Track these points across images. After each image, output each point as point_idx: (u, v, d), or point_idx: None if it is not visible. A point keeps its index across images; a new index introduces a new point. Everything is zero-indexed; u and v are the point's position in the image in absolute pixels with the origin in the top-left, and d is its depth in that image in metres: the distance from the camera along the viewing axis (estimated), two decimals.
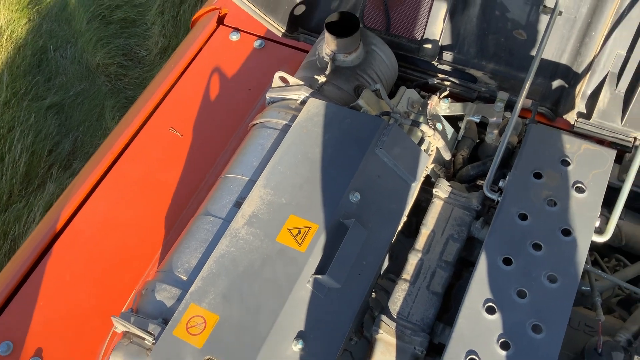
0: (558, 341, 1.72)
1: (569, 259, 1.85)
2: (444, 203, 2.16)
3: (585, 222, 1.92)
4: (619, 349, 1.92)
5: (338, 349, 1.78)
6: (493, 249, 1.89)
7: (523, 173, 2.03)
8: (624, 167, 2.36)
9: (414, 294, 1.99)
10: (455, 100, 2.50)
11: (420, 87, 2.61)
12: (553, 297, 1.79)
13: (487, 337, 1.74)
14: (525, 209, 1.95)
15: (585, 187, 1.98)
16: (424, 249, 2.08)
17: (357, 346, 2.09)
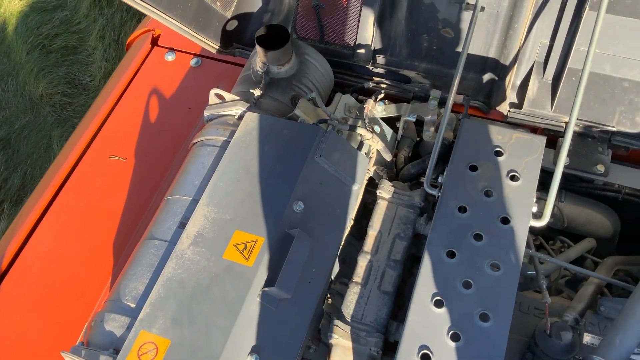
0: (505, 327, 1.77)
1: (509, 246, 1.90)
2: (388, 203, 2.20)
3: (522, 209, 1.98)
4: (567, 328, 1.98)
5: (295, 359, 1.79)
6: (436, 243, 1.93)
7: (459, 167, 2.09)
8: (558, 151, 2.46)
9: (366, 295, 2.02)
10: (392, 101, 2.55)
11: (357, 92, 2.65)
12: (497, 284, 1.84)
13: (437, 330, 1.78)
14: (464, 202, 2.01)
15: (519, 175, 2.04)
16: (373, 250, 2.11)
17: (316, 353, 2.10)
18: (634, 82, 2.41)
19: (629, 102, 2.44)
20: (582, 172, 2.48)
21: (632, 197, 2.57)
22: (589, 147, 2.49)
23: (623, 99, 2.44)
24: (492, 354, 1.73)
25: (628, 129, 2.44)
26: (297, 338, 1.83)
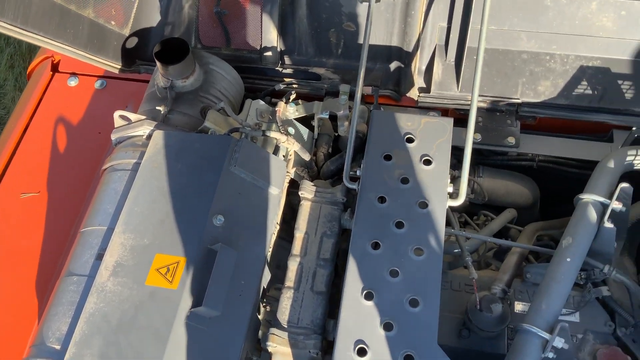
0: (435, 309, 1.80)
1: (430, 230, 1.94)
2: (312, 203, 2.20)
3: (438, 191, 2.02)
4: (497, 300, 2.05)
5: None
6: (360, 237, 1.95)
7: (374, 158, 2.11)
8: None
9: (300, 298, 2.01)
10: (305, 100, 2.55)
11: (269, 95, 2.63)
12: (423, 268, 1.88)
13: (370, 322, 1.79)
14: (383, 192, 2.03)
15: (432, 159, 2.09)
16: (301, 252, 2.10)
17: None
18: (532, 53, 2.51)
19: (529, 73, 2.53)
20: (494, 146, 2.56)
21: (546, 163, 2.67)
22: (498, 121, 2.58)
23: (524, 70, 2.53)
24: (425, 337, 1.76)
25: (532, 98, 2.54)
26: (234, 353, 1.80)
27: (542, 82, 2.51)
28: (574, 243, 2.01)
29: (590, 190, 2.13)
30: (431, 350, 1.73)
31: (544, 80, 2.51)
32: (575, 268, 1.98)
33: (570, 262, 1.97)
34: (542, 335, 1.84)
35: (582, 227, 2.04)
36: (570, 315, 2.15)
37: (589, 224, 2.04)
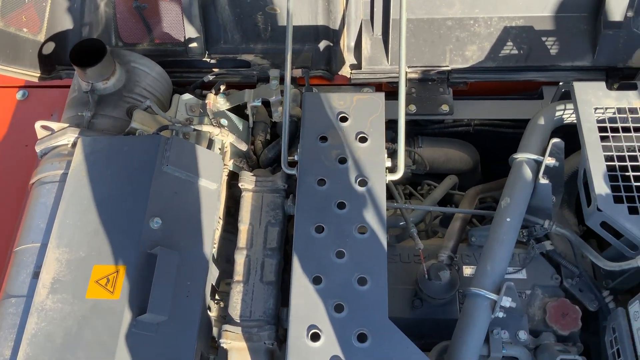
0: (383, 285, 1.81)
1: (371, 207, 1.94)
2: (253, 193, 2.17)
3: (376, 167, 2.02)
4: (444, 267, 2.07)
5: None
6: (303, 222, 1.93)
7: (310, 141, 2.09)
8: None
9: (250, 291, 1.99)
10: (239, 89, 2.50)
11: (199, 88, 2.57)
12: (368, 246, 1.88)
13: (321, 306, 1.78)
14: (322, 174, 2.01)
15: (367, 136, 2.08)
16: (247, 244, 2.07)
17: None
18: (456, 19, 2.52)
19: (456, 39, 2.55)
20: (429, 116, 2.58)
21: (482, 126, 2.72)
22: (431, 91, 2.59)
23: (450, 37, 2.54)
24: (376, 313, 1.76)
25: (461, 64, 2.56)
26: (187, 356, 1.77)
27: (469, 47, 2.53)
28: (512, 203, 2.05)
29: (523, 149, 2.17)
30: (383, 326, 1.74)
31: (470, 45, 2.53)
32: (515, 227, 2.02)
33: (510, 221, 2.01)
34: (489, 297, 1.88)
35: (519, 186, 2.08)
36: (517, 273, 2.20)
37: (525, 182, 2.08)
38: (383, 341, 1.72)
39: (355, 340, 1.72)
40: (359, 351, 1.71)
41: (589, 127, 2.06)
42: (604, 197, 1.93)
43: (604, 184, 1.95)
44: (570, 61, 2.52)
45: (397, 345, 1.72)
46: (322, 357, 1.70)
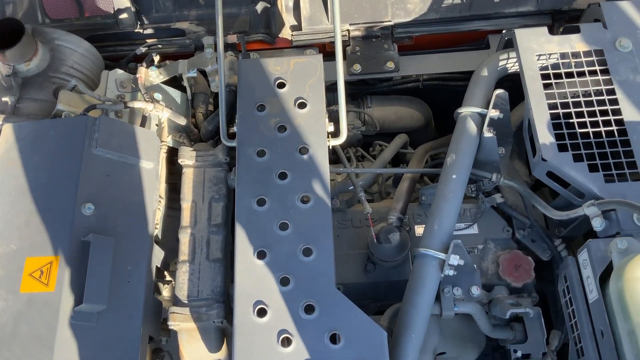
0: (329, 254, 1.77)
1: (314, 175, 1.88)
2: (194, 169, 2.09)
3: (317, 133, 1.95)
4: (393, 230, 2.04)
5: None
6: (245, 196, 1.87)
7: (248, 110, 2.01)
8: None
9: (197, 270, 1.93)
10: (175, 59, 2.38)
11: (132, 61, 2.45)
12: (312, 215, 1.83)
13: (267, 281, 1.74)
14: (261, 145, 1.94)
15: (306, 101, 2.00)
16: (191, 222, 2.01)
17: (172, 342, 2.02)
18: None
19: None
20: (375, 74, 2.50)
21: (431, 81, 2.65)
22: (376, 48, 2.51)
23: None
24: (322, 283, 1.73)
25: (404, 18, 2.48)
26: (132, 342, 1.72)
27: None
28: (457, 159, 2.01)
29: (467, 103, 2.12)
30: (330, 295, 1.71)
31: None
32: (462, 183, 1.98)
33: (456, 178, 1.98)
34: (437, 256, 1.86)
35: (464, 141, 2.03)
36: (469, 228, 2.18)
37: (470, 137, 2.04)
38: (331, 310, 1.69)
39: (303, 312, 1.69)
40: (307, 323, 1.68)
41: (532, 76, 2.01)
42: (548, 147, 1.90)
43: (548, 133, 1.92)
44: (515, 7, 2.45)
45: (345, 313, 1.69)
46: (269, 332, 1.67)
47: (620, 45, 2.03)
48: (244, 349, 1.65)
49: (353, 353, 1.64)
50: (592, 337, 1.75)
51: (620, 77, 1.99)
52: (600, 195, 1.82)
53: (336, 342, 1.65)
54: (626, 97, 1.96)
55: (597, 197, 1.83)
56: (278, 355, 1.64)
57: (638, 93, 1.96)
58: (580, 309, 1.81)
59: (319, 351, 1.64)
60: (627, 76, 1.99)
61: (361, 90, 2.68)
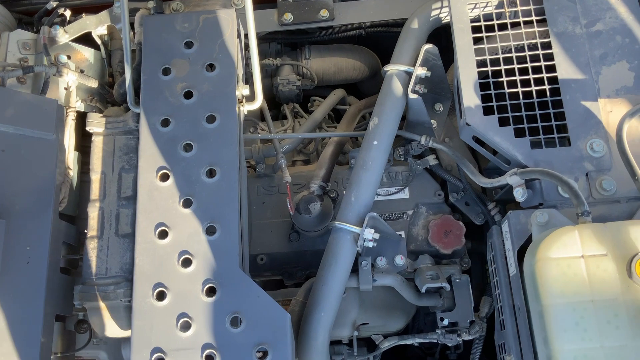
0: (234, 232, 1.67)
1: (222, 145, 1.75)
2: (104, 137, 1.96)
3: (226, 98, 1.81)
4: (314, 199, 1.93)
5: (38, 345, 1.64)
6: (147, 169, 1.75)
7: (152, 74, 1.85)
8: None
9: (105, 246, 1.84)
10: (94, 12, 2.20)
11: (45, 16, 2.25)
12: (218, 190, 1.72)
13: (168, 262, 1.66)
14: (166, 113, 1.80)
15: (215, 63, 1.84)
16: (100, 195, 1.90)
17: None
18: None
19: None
20: (309, 23, 2.31)
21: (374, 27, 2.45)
22: None
23: None
24: (226, 263, 1.64)
25: None
26: (34, 322, 1.66)
27: None
28: (380, 123, 1.87)
29: (394, 60, 1.96)
30: (233, 276, 1.63)
31: None
32: (384, 150, 1.86)
33: (377, 145, 1.85)
34: (352, 230, 1.77)
35: (388, 104, 1.89)
36: (400, 193, 2.07)
37: (395, 98, 1.89)
38: (233, 292, 1.61)
39: (204, 295, 1.62)
40: (207, 305, 1.61)
41: (461, 28, 1.84)
42: (472, 110, 1.75)
43: (474, 95, 1.77)
44: None
45: (248, 294, 1.61)
46: (168, 316, 1.60)
47: None
48: (142, 333, 1.59)
49: (254, 336, 1.57)
50: (512, 312, 1.68)
51: (558, 28, 1.81)
52: (524, 162, 1.69)
53: (238, 325, 1.59)
54: (563, 51, 1.79)
55: (521, 164, 1.70)
56: (177, 340, 1.58)
57: (576, 46, 1.79)
58: (502, 282, 1.74)
59: (219, 335, 1.58)
60: (566, 27, 1.81)
61: (302, 39, 2.49)
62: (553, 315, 1.43)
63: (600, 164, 1.67)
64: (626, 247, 1.43)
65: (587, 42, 1.79)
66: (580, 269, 1.43)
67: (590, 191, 1.66)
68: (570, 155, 1.69)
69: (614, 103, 1.73)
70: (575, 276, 1.43)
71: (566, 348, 1.41)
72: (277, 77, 2.39)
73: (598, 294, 1.42)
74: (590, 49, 1.78)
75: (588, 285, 1.42)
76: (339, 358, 1.99)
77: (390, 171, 2.08)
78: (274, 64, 2.39)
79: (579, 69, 1.76)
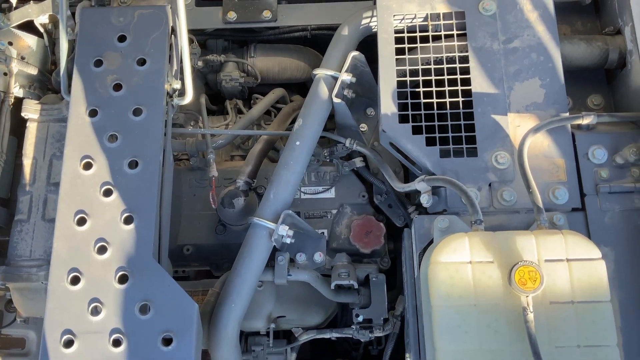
0: (150, 222, 1.73)
1: (146, 138, 1.81)
2: (38, 123, 2.02)
3: (154, 93, 1.86)
4: (239, 194, 2.00)
5: None
6: (71, 157, 1.80)
7: (84, 65, 1.90)
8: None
9: (31, 230, 1.90)
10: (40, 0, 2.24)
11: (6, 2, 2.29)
12: (138, 181, 1.77)
13: (84, 248, 1.72)
14: (94, 104, 1.85)
15: (146, 57, 1.90)
16: (30, 180, 1.96)
17: None
18: None
19: None
20: (252, 23, 2.37)
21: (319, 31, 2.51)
22: None
23: None
24: (140, 252, 1.70)
25: None
26: None
27: None
28: (304, 125, 1.94)
29: (323, 64, 2.03)
30: (146, 265, 1.69)
31: None
32: (306, 151, 1.93)
33: (300, 145, 1.92)
34: (267, 226, 1.84)
35: (314, 107, 1.96)
36: (326, 192, 2.15)
37: (320, 101, 1.96)
38: (144, 280, 1.68)
39: (116, 282, 1.68)
40: (119, 292, 1.67)
41: (386, 39, 1.91)
42: (389, 117, 1.83)
43: (391, 103, 1.84)
44: None
45: (158, 283, 1.68)
46: (80, 301, 1.66)
47: (483, 7, 1.92)
48: (54, 315, 1.65)
49: (162, 324, 1.64)
50: (415, 312, 1.77)
51: (476, 43, 1.89)
52: (432, 170, 1.77)
53: (146, 313, 1.65)
54: (479, 65, 1.87)
55: (430, 172, 1.78)
56: (87, 323, 1.65)
57: (492, 62, 1.87)
58: (408, 282, 1.82)
59: (128, 321, 1.64)
60: (484, 42, 1.89)
61: (250, 37, 2.55)
62: (439, 317, 1.51)
63: (504, 175, 1.76)
64: (510, 256, 1.51)
65: (503, 58, 1.87)
66: (467, 274, 1.52)
67: (492, 201, 1.74)
68: (476, 166, 1.77)
69: (522, 118, 1.81)
70: (462, 280, 1.52)
71: (448, 348, 1.49)
72: (220, 74, 2.45)
73: (481, 298, 1.50)
74: (505, 65, 1.86)
75: (473, 290, 1.51)
76: (258, 348, 2.07)
77: (318, 171, 2.16)
78: (218, 60, 2.44)
79: (492, 84, 1.84)
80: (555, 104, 1.82)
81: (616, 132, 1.81)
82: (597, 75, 2.07)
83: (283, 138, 2.25)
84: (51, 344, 1.63)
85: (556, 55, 1.87)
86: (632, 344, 1.62)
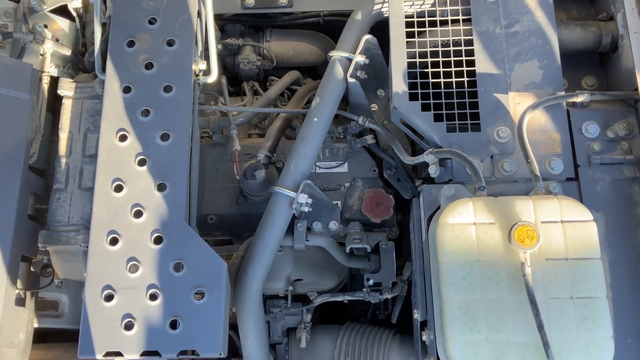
0: (182, 190, 1.89)
1: (176, 113, 1.97)
2: (73, 100, 2.17)
3: (182, 72, 2.02)
4: (260, 167, 2.16)
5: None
6: (108, 130, 1.96)
7: (118, 45, 2.05)
8: None
9: (69, 197, 2.06)
10: None
11: None
12: (170, 153, 1.93)
13: (121, 213, 1.88)
14: (128, 81, 2.01)
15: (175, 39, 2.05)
16: (67, 152, 2.11)
17: None
18: None
19: None
20: (268, 8, 2.52)
21: (332, 17, 2.67)
22: None
23: None
24: (173, 217, 1.86)
25: None
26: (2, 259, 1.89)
27: None
28: (321, 102, 2.10)
29: (338, 47, 2.18)
30: (179, 228, 1.85)
31: None
32: (322, 126, 2.09)
33: (317, 121, 2.08)
34: (288, 194, 2.00)
35: (329, 86, 2.12)
36: (340, 167, 2.31)
37: (336, 81, 2.12)
38: (177, 241, 1.84)
39: (152, 242, 1.84)
40: (154, 252, 1.83)
41: (397, 23, 2.07)
42: (400, 95, 1.99)
43: (402, 82, 2.00)
44: None
45: (190, 243, 1.84)
46: (119, 260, 1.83)
47: None
48: (95, 273, 1.82)
49: (194, 280, 1.81)
50: (422, 272, 1.93)
51: (480, 27, 2.05)
52: (439, 144, 1.94)
53: (180, 270, 1.82)
54: (483, 48, 2.03)
55: (437, 145, 1.94)
56: (126, 280, 1.81)
57: (495, 45, 2.03)
58: (416, 246, 1.99)
59: (163, 277, 1.81)
60: (488, 27, 2.05)
61: (265, 23, 2.70)
62: (445, 271, 1.68)
63: (504, 148, 1.92)
64: (510, 218, 1.68)
65: (504, 41, 2.03)
66: (471, 234, 1.69)
67: (494, 171, 1.91)
68: (479, 140, 1.93)
69: (522, 96, 1.98)
70: (467, 240, 1.68)
71: (453, 299, 1.66)
72: (238, 56, 2.61)
73: (484, 255, 1.67)
74: (506, 48, 2.02)
75: (476, 248, 1.68)
76: (277, 310, 2.24)
77: (332, 147, 2.32)
78: (236, 43, 2.60)
79: (494, 65, 2.00)
80: (552, 83, 1.99)
81: (607, 109, 1.98)
82: (591, 58, 2.23)
83: (299, 117, 2.41)
84: (92, 298, 1.80)
85: (553, 39, 2.03)
86: (620, 298, 1.80)
